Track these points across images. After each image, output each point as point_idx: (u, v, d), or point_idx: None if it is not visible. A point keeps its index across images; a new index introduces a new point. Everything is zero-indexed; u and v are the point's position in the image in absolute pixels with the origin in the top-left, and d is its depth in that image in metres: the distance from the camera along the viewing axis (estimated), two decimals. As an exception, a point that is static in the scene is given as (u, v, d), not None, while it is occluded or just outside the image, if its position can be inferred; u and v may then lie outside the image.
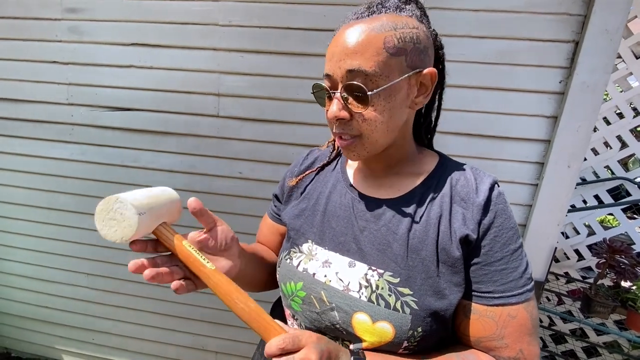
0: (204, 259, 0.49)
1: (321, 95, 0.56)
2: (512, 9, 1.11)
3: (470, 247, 0.51)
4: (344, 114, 0.50)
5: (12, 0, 1.40)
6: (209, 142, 1.39)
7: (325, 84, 0.53)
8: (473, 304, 0.52)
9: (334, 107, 0.51)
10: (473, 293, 0.52)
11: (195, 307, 1.58)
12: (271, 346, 0.42)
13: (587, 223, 2.04)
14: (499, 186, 0.55)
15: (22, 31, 1.42)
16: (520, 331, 0.50)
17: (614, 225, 2.32)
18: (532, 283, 0.52)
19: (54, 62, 1.42)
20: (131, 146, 1.45)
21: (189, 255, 0.49)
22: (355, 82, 0.48)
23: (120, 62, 1.38)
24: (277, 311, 0.68)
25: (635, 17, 1.78)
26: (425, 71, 0.51)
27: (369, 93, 0.47)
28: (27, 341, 1.83)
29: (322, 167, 0.69)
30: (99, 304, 1.67)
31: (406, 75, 0.49)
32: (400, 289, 0.51)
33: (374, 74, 0.47)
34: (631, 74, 1.81)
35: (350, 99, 0.50)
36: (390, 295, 0.50)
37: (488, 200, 0.52)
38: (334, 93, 0.51)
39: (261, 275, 0.69)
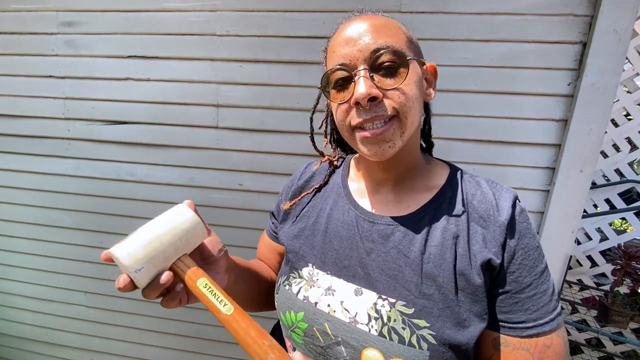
0: (220, 301, 0.43)
1: (334, 87, 0.48)
2: (516, 11, 1.09)
3: (494, 272, 0.46)
4: (377, 91, 0.44)
5: (10, 15, 1.39)
6: (208, 153, 1.36)
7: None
8: (504, 336, 0.47)
9: (363, 86, 0.43)
10: (503, 324, 0.47)
11: (194, 324, 1.52)
12: None
13: (599, 228, 1.98)
14: (520, 201, 0.50)
15: (18, 46, 1.40)
16: None
17: (624, 228, 2.26)
18: (560, 305, 0.48)
19: (50, 76, 1.40)
20: (128, 160, 1.42)
21: (203, 297, 0.44)
22: (389, 51, 0.43)
23: (117, 75, 1.35)
24: (277, 334, 0.62)
25: (640, 17, 1.75)
26: (428, 65, 0.50)
27: (409, 58, 0.43)
28: (25, 362, 1.78)
29: (319, 189, 0.63)
30: (97, 322, 1.62)
31: (421, 59, 0.48)
32: (415, 320, 0.45)
33: (401, 51, 0.44)
34: (638, 74, 1.78)
35: (378, 77, 0.44)
36: (404, 329, 0.45)
37: (512, 219, 0.47)
38: (358, 72, 0.45)
39: (255, 294, 0.64)
